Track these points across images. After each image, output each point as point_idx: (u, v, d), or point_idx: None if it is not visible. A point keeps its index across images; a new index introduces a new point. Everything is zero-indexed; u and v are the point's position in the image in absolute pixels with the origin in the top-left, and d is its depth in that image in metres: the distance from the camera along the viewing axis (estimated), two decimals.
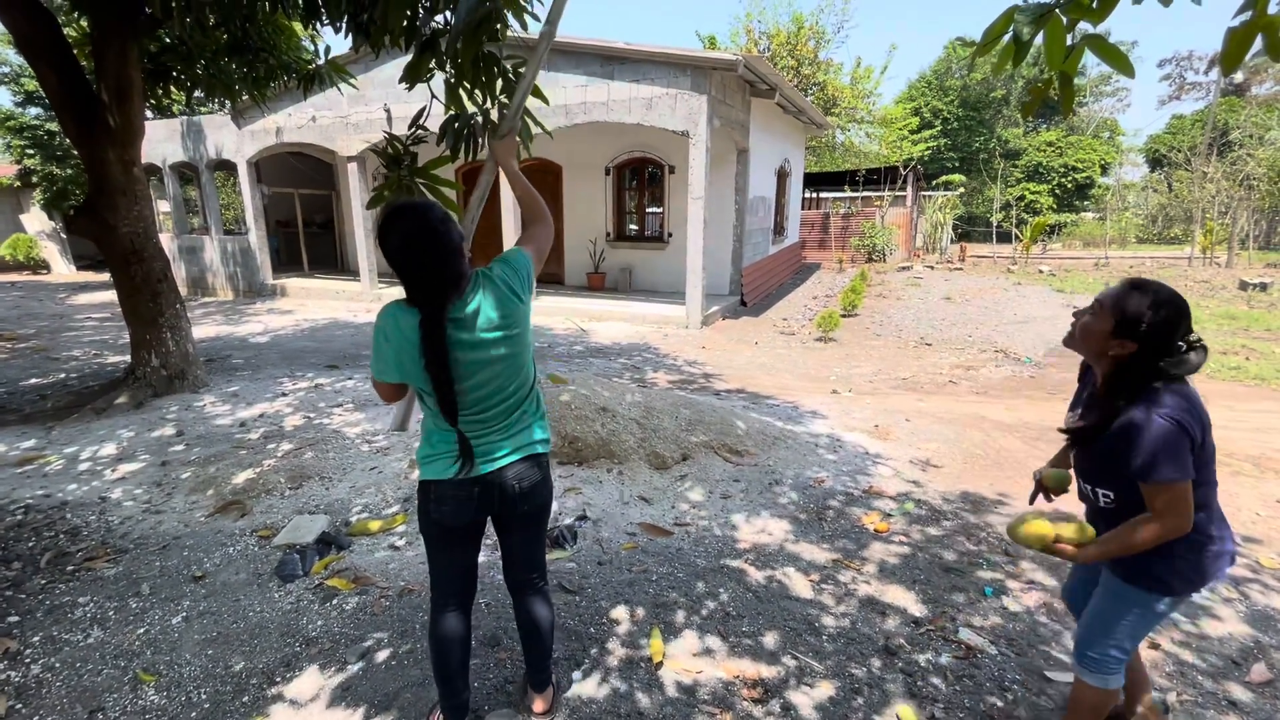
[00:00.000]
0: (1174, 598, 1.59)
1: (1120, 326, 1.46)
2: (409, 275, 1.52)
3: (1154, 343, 1.44)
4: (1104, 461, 1.55)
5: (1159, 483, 1.41)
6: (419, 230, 1.50)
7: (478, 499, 1.67)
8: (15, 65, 14.74)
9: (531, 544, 1.85)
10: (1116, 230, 23.24)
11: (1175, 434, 1.39)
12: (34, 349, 7.75)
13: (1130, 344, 1.46)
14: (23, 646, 2.34)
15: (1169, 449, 1.39)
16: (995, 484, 3.86)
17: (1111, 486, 1.57)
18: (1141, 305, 1.43)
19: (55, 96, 4.70)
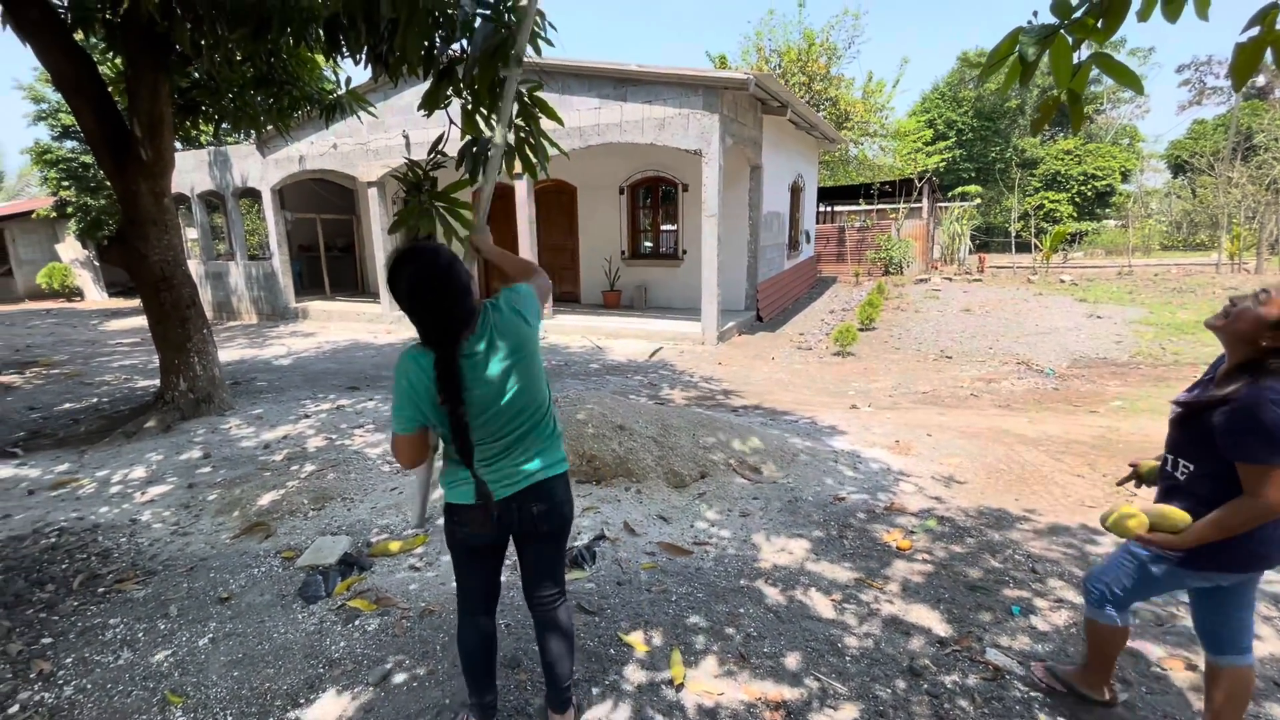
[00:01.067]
0: (1168, 565, 1.68)
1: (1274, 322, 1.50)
2: (420, 318, 1.55)
3: None
4: (1201, 434, 1.60)
5: (1262, 464, 1.46)
6: (427, 274, 1.53)
7: (497, 522, 1.71)
8: (53, 101, 15.36)
9: (551, 561, 1.87)
10: (1140, 238, 22.85)
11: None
12: (68, 374, 7.98)
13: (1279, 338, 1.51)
14: (56, 668, 2.39)
15: (1277, 433, 1.44)
16: (1020, 499, 3.79)
17: (1193, 460, 1.64)
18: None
19: (91, 132, 4.90)
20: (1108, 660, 1.99)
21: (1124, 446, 4.62)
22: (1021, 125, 30.50)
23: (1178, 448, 1.70)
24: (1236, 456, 1.50)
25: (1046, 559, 3.06)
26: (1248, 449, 1.47)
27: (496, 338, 1.60)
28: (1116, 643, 1.93)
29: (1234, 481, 1.54)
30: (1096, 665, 2.02)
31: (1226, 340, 1.64)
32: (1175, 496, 1.68)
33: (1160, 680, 2.22)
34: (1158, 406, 5.79)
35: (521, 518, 1.72)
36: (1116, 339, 8.74)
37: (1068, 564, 3.01)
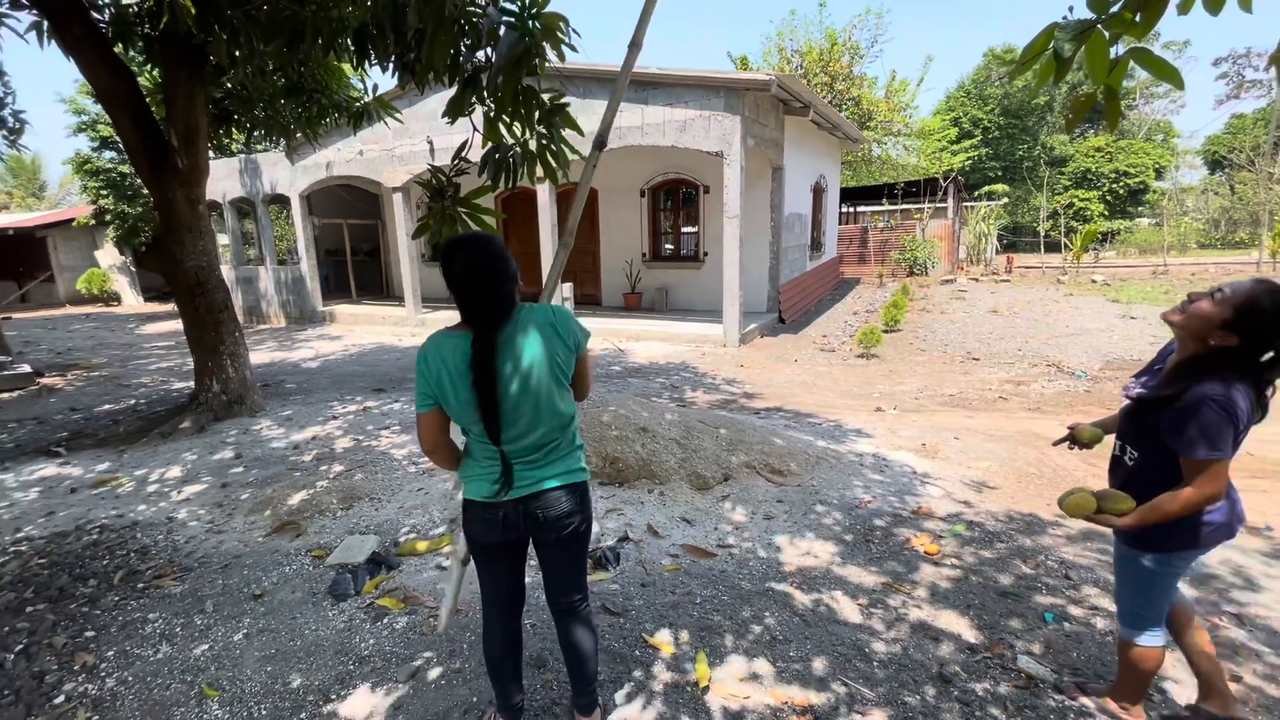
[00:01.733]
0: (1154, 554, 1.77)
1: (1236, 320, 1.56)
2: (470, 298, 1.61)
3: (1256, 343, 1.57)
4: (1148, 427, 1.72)
5: (1208, 459, 1.57)
6: (484, 257, 1.61)
7: (502, 522, 1.71)
8: (93, 113, 15.88)
9: (567, 568, 1.85)
10: (1175, 236, 22.21)
11: (1229, 419, 1.55)
12: (107, 377, 8.24)
13: (1233, 337, 1.57)
14: (99, 660, 2.47)
15: (1222, 431, 1.55)
16: (1052, 505, 3.70)
17: (1140, 449, 1.76)
18: (1264, 306, 1.53)
19: (130, 141, 5.06)
20: (1145, 688, 1.98)
21: None
22: (1050, 122, 29.89)
23: (1127, 436, 1.82)
24: (1180, 452, 1.62)
25: (1080, 565, 2.99)
26: (1189, 446, 1.59)
27: (530, 338, 1.64)
28: (1156, 667, 1.91)
29: (1175, 470, 1.66)
30: (1134, 694, 1.98)
31: (1180, 336, 1.71)
32: (1127, 480, 1.80)
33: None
34: None
35: (529, 521, 1.72)
36: (1151, 340, 8.50)
37: (1103, 570, 2.94)
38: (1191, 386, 1.59)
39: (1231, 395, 1.55)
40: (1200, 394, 1.56)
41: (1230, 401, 1.54)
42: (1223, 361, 1.60)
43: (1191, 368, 1.64)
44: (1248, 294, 1.55)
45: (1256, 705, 2.08)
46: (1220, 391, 1.55)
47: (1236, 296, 1.57)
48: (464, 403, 1.60)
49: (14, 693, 2.29)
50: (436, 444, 1.71)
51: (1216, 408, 1.54)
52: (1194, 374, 1.61)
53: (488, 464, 1.69)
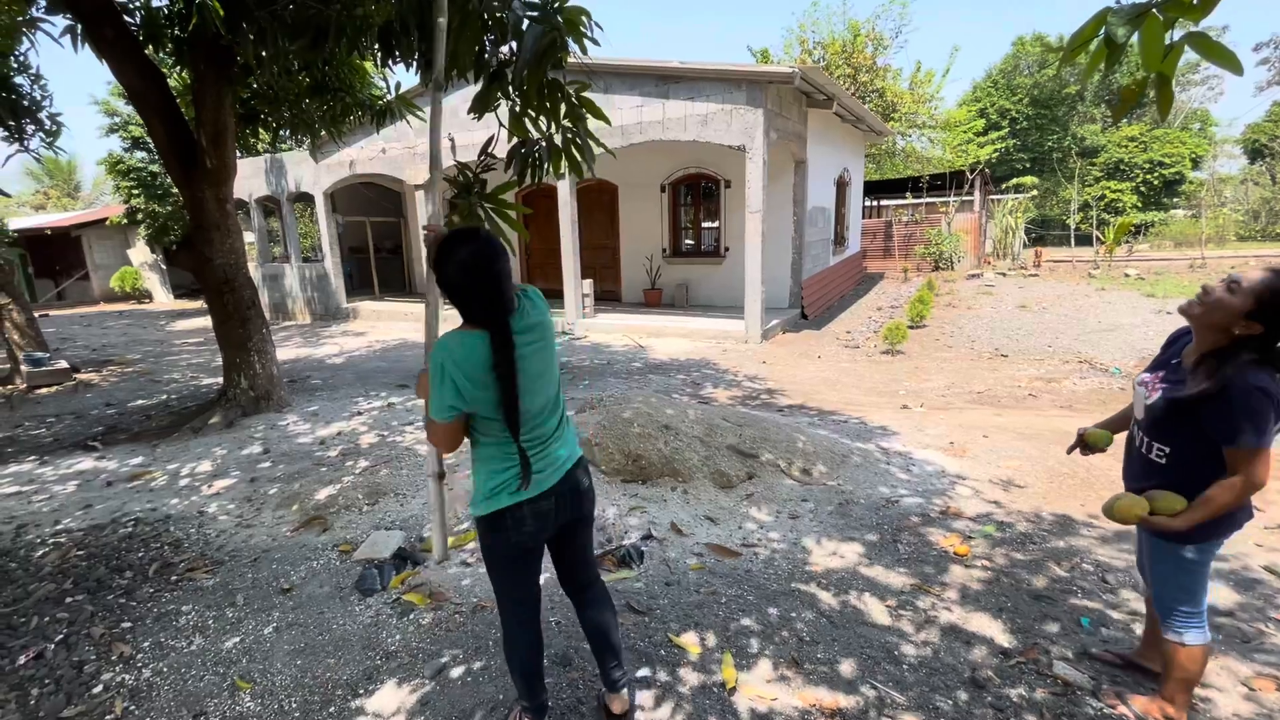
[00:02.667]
0: (1198, 545, 1.76)
1: (1258, 309, 1.57)
2: (475, 295, 1.57)
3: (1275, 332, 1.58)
4: (1179, 422, 1.71)
5: (1255, 448, 1.58)
6: (485, 252, 1.58)
7: (555, 508, 1.75)
8: (124, 114, 16.26)
9: (587, 544, 1.94)
10: (1213, 228, 21.51)
11: (1274, 407, 1.55)
12: (140, 372, 8.45)
13: (1257, 325, 1.58)
14: (135, 651, 2.52)
15: (1265, 418, 1.56)
16: (1086, 505, 3.61)
17: (1170, 444, 1.74)
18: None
19: (161, 142, 5.16)
20: (1192, 689, 1.92)
21: None
22: (1081, 112, 29.10)
23: (1154, 433, 1.78)
24: (1229, 442, 1.61)
25: (1116, 568, 2.91)
26: (1237, 435, 1.59)
27: (532, 322, 1.66)
28: (1204, 666, 1.88)
29: (1210, 461, 1.67)
30: (1181, 698, 1.91)
31: (1198, 328, 1.71)
32: (1154, 476, 1.78)
33: (1251, 700, 2.08)
34: None
35: (569, 502, 1.77)
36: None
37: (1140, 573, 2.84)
38: (1234, 377, 1.58)
39: (1276, 383, 1.56)
40: (1248, 383, 1.56)
41: (1275, 389, 1.56)
42: (1251, 350, 1.60)
43: (1223, 359, 1.63)
44: (1267, 282, 1.56)
45: None
46: (1265, 380, 1.56)
47: (1257, 285, 1.57)
48: (494, 403, 1.59)
49: (55, 681, 2.35)
50: (455, 446, 1.70)
51: (1263, 395, 1.55)
52: (1230, 364, 1.61)
53: (511, 468, 1.67)
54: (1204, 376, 1.65)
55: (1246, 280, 1.60)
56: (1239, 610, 2.57)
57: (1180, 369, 1.75)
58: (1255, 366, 1.58)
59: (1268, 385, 1.56)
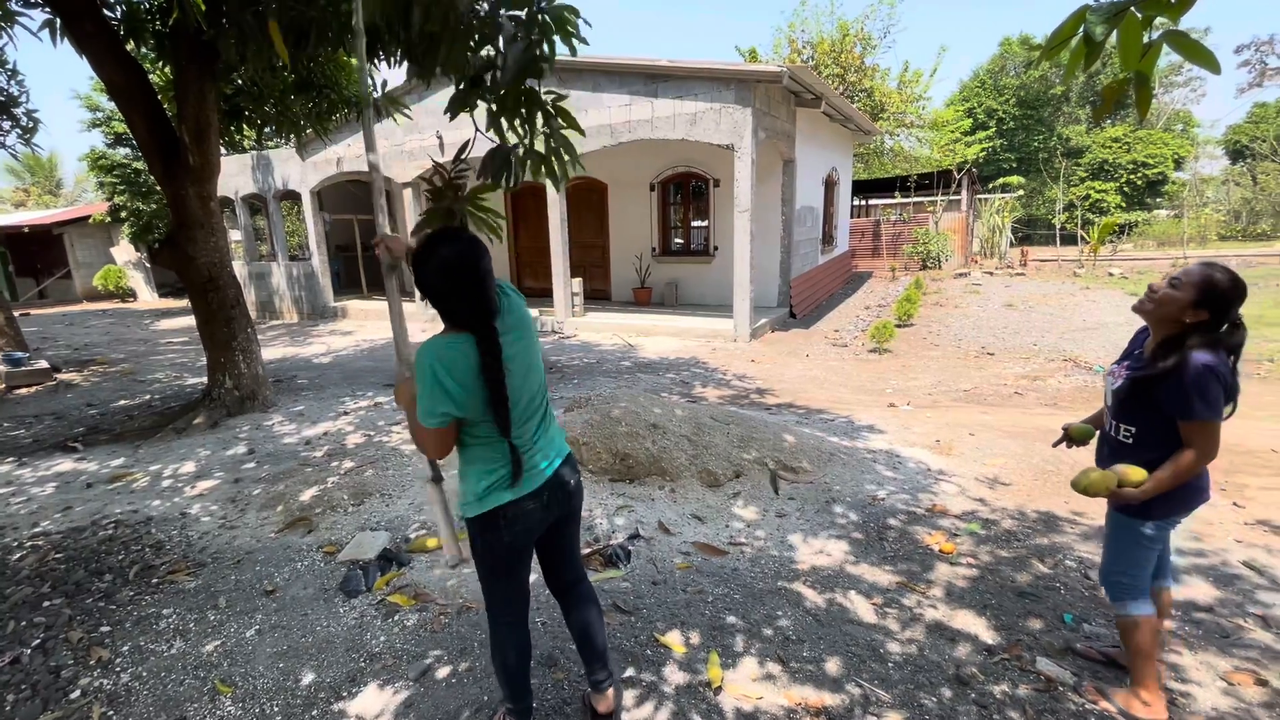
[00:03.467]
0: (1156, 521, 1.93)
1: (1202, 298, 1.77)
2: (460, 297, 1.54)
3: (1223, 313, 1.78)
4: (1140, 403, 1.90)
5: (1204, 420, 1.76)
6: (468, 253, 1.54)
7: (547, 504, 1.74)
8: (107, 110, 16.03)
9: (575, 542, 1.93)
10: (1195, 228, 21.81)
11: (1220, 383, 1.74)
12: (123, 372, 8.33)
13: (1204, 313, 1.78)
14: (114, 655, 2.48)
15: (1214, 394, 1.74)
16: (1069, 502, 3.64)
17: (1135, 423, 1.93)
18: (1221, 282, 1.76)
19: (143, 139, 5.08)
20: (1152, 662, 2.00)
21: None
22: (1066, 113, 29.40)
23: (1120, 415, 1.97)
24: (1183, 416, 1.79)
25: (1098, 565, 2.93)
26: (1190, 409, 1.77)
27: (515, 319, 1.66)
28: (1152, 632, 1.99)
29: (1170, 438, 1.84)
30: (1146, 673, 2.00)
31: (1153, 322, 1.91)
32: (1123, 456, 1.94)
33: (1230, 694, 2.10)
34: None
35: (559, 498, 1.77)
36: None
37: None
38: (1186, 358, 1.77)
39: (1222, 361, 1.76)
40: (1198, 362, 1.75)
41: (1221, 367, 1.75)
42: (1201, 334, 1.79)
43: (1176, 343, 1.82)
44: (1204, 275, 1.78)
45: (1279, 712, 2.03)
46: (1212, 359, 1.75)
47: (1197, 278, 1.79)
48: (484, 405, 1.57)
49: (31, 687, 2.31)
50: (449, 450, 1.67)
51: (1211, 373, 1.74)
52: (1182, 347, 1.79)
53: (502, 467, 1.65)
54: (1160, 359, 1.84)
55: (1187, 275, 1.81)
56: (1218, 606, 2.60)
57: (1142, 358, 1.94)
58: (1205, 348, 1.77)
59: (1216, 364, 1.74)
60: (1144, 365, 1.89)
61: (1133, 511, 1.93)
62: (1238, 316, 1.80)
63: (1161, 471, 1.83)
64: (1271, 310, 9.37)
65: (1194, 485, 1.89)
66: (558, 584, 1.95)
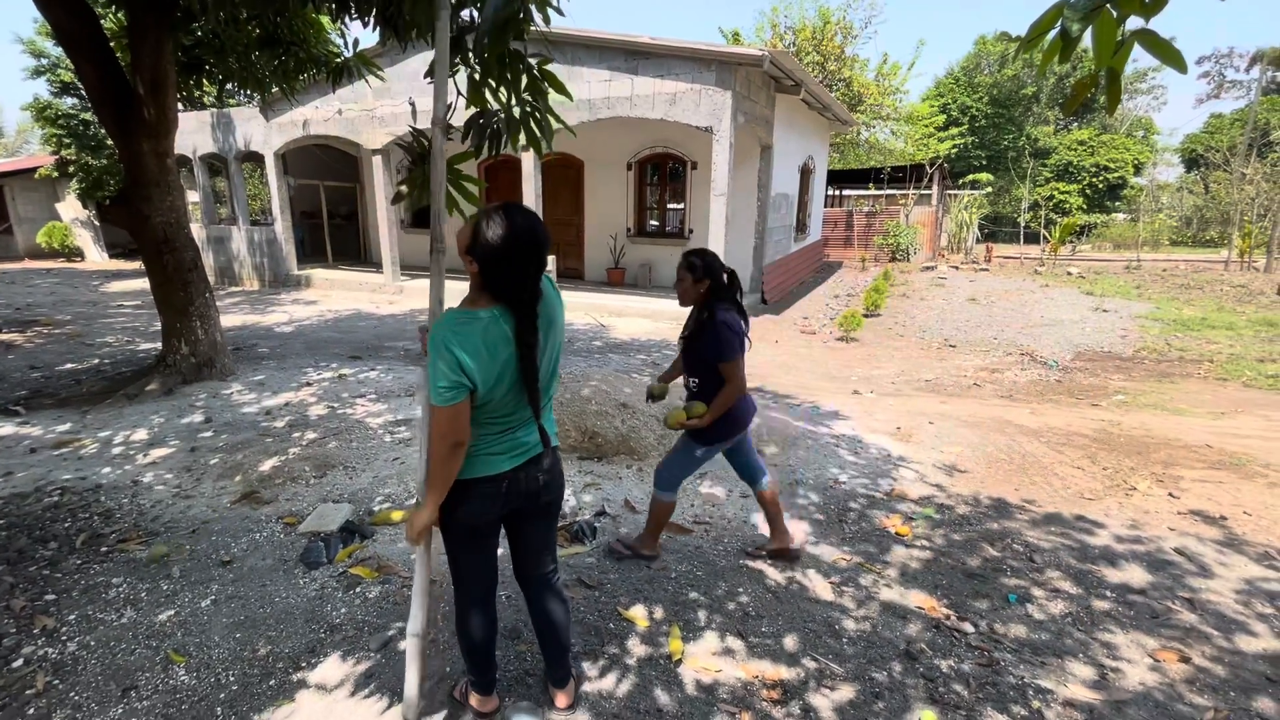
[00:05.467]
0: (707, 446, 2.63)
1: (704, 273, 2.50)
2: (511, 274, 1.51)
3: (718, 283, 2.51)
4: (694, 358, 2.57)
5: (729, 360, 2.46)
6: (538, 229, 1.53)
7: (508, 490, 1.68)
8: (53, 56, 15.08)
9: (547, 534, 1.89)
10: (1149, 232, 22.65)
11: (730, 330, 2.45)
12: (69, 335, 7.96)
13: (705, 284, 2.50)
14: (59, 624, 2.41)
15: (729, 339, 2.45)
16: (1020, 489, 3.80)
17: (697, 375, 2.59)
18: (712, 263, 2.51)
19: (93, 90, 4.81)
20: (660, 528, 2.82)
21: (1124, 440, 4.62)
22: (1036, 113, 30.05)
23: (688, 370, 2.63)
24: (717, 360, 2.47)
25: (1043, 548, 3.08)
26: (719, 354, 2.46)
27: (547, 312, 1.65)
28: (668, 513, 2.77)
29: (717, 381, 2.51)
30: (653, 531, 2.81)
31: (686, 302, 2.59)
32: (695, 399, 2.59)
33: (1156, 670, 2.24)
34: (1160, 401, 5.78)
35: (527, 487, 1.71)
36: (1122, 333, 8.71)
37: (1065, 554, 3.02)
38: (709, 319, 2.47)
39: (730, 316, 2.48)
40: (715, 319, 2.46)
41: (730, 319, 2.47)
42: (716, 298, 2.50)
43: (702, 310, 2.53)
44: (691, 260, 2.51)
45: (1203, 685, 2.17)
46: (723, 315, 2.46)
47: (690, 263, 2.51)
48: (510, 385, 1.56)
49: None
50: (468, 431, 1.56)
51: (726, 326, 2.45)
52: (706, 311, 2.50)
53: (493, 439, 1.64)
54: (695, 323, 2.55)
55: (687, 265, 2.51)
56: (1150, 589, 2.76)
57: (689, 327, 2.61)
58: (720, 307, 2.48)
59: (729, 319, 2.46)
60: (689, 332, 2.58)
61: (694, 436, 2.62)
62: (725, 277, 2.51)
63: (715, 403, 2.50)
64: (1214, 314, 9.82)
65: (732, 419, 2.58)
66: (526, 575, 1.90)
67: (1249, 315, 9.71)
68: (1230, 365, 7.03)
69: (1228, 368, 6.95)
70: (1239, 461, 4.23)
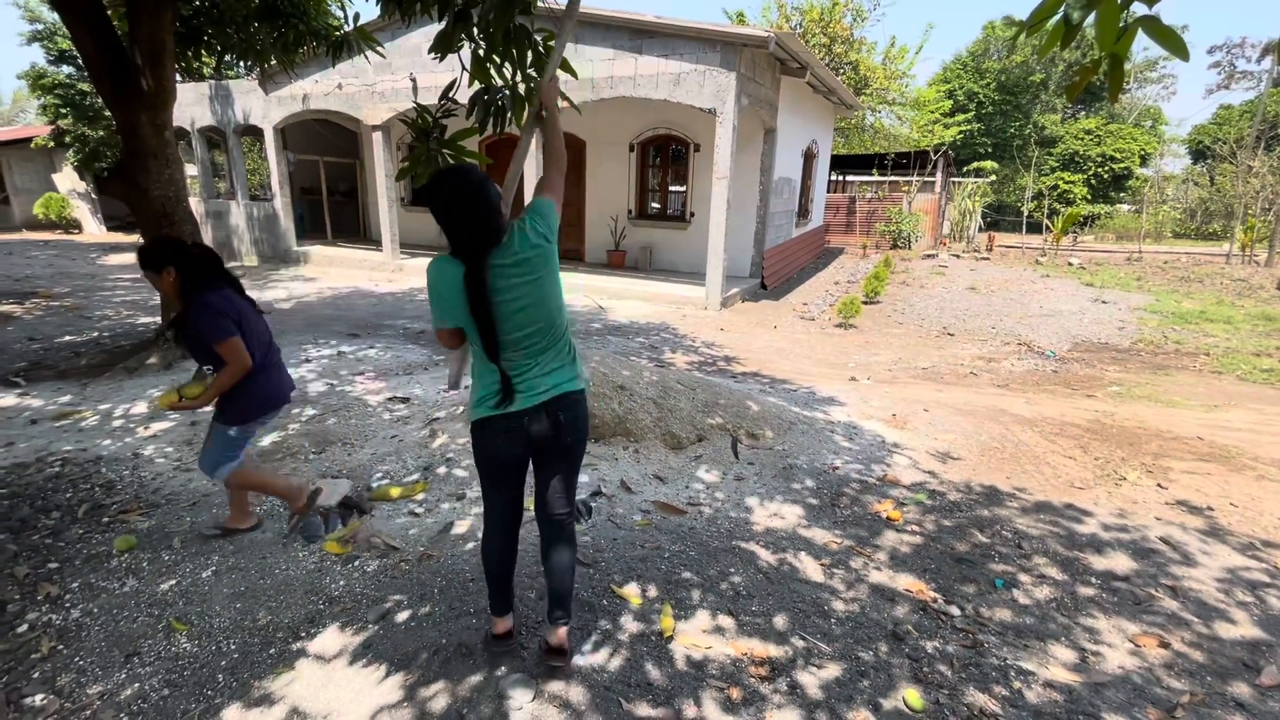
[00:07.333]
0: (238, 427, 2.61)
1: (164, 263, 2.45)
2: (454, 230, 1.73)
3: (187, 265, 2.48)
4: (193, 346, 2.50)
5: (220, 341, 2.40)
6: (462, 190, 1.71)
7: (526, 430, 1.84)
8: (50, 23, 14.86)
9: (569, 476, 2.00)
10: (1153, 224, 22.56)
11: (216, 311, 2.41)
12: (68, 307, 7.95)
13: (174, 272, 2.45)
14: (63, 591, 2.45)
15: (214, 319, 2.40)
16: (1011, 477, 3.84)
17: (208, 361, 2.51)
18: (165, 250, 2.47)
19: (91, 59, 4.75)
20: (244, 500, 2.85)
21: (1117, 431, 4.66)
22: (1044, 101, 29.74)
23: (199, 360, 2.56)
24: (213, 342, 2.41)
25: (1032, 536, 3.12)
26: (212, 338, 2.41)
27: (520, 256, 1.75)
28: (244, 480, 2.71)
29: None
30: (239, 506, 2.84)
31: (170, 299, 2.52)
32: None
33: (1136, 655, 2.30)
34: (1154, 393, 5.82)
35: (546, 428, 1.85)
36: (1120, 325, 8.72)
37: (1052, 541, 3.07)
38: (191, 308, 2.42)
39: (216, 296, 2.43)
40: (200, 304, 2.42)
41: (215, 300, 2.42)
42: (191, 286, 2.45)
43: (183, 299, 2.48)
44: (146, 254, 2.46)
45: (1181, 670, 2.23)
46: (206, 297, 2.42)
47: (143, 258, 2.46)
48: (467, 324, 1.77)
49: None
50: (454, 344, 1.90)
51: (207, 308, 2.41)
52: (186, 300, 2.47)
53: (493, 383, 1.82)
54: (184, 314, 2.49)
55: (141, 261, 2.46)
56: (1134, 576, 2.81)
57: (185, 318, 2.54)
58: (198, 293, 2.44)
59: (213, 299, 2.43)
60: (176, 318, 2.57)
61: (220, 419, 2.60)
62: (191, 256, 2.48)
63: (214, 383, 2.47)
64: (1213, 307, 9.84)
65: (258, 399, 2.59)
66: (541, 515, 2.04)
67: (1247, 309, 9.72)
68: (1226, 359, 7.06)
69: (1223, 361, 6.98)
70: (1229, 454, 4.27)
